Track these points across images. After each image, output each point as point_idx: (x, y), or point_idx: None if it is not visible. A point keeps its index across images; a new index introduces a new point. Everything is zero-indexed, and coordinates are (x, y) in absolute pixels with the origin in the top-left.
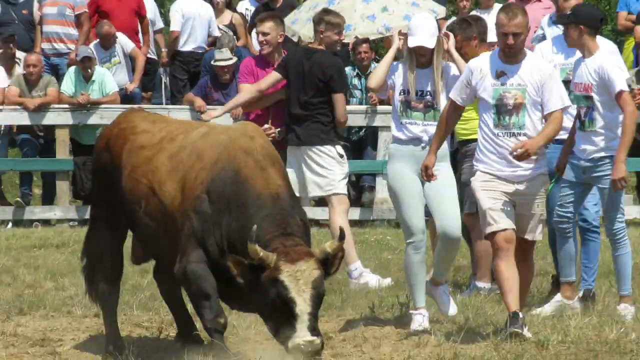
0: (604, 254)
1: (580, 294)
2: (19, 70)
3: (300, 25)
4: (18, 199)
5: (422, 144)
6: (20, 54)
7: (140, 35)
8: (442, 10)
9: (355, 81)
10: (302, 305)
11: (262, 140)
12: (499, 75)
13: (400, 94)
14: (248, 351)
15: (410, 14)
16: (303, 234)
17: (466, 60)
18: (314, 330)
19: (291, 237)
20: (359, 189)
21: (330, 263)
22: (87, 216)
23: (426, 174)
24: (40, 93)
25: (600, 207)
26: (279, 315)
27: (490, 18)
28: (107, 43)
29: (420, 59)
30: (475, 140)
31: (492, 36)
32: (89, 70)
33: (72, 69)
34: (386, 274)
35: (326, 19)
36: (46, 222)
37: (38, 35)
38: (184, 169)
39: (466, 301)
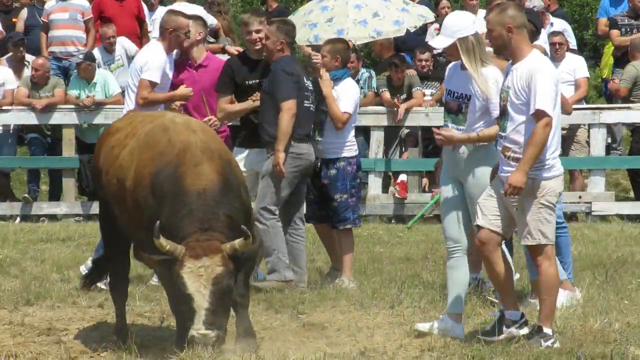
0: (585, 247)
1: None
2: (27, 72)
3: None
4: (26, 194)
5: (453, 147)
6: (29, 57)
7: (140, 38)
8: (431, 15)
9: None
10: (200, 301)
11: (203, 135)
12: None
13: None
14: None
15: (401, 20)
16: (226, 228)
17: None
18: (210, 324)
19: (208, 233)
20: None
21: (241, 259)
22: (92, 211)
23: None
24: (48, 94)
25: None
26: (183, 308)
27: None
28: (110, 46)
29: (451, 59)
30: None
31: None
32: (87, 72)
33: (77, 71)
34: (378, 267)
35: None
36: (53, 217)
37: (44, 40)
38: (138, 160)
39: None
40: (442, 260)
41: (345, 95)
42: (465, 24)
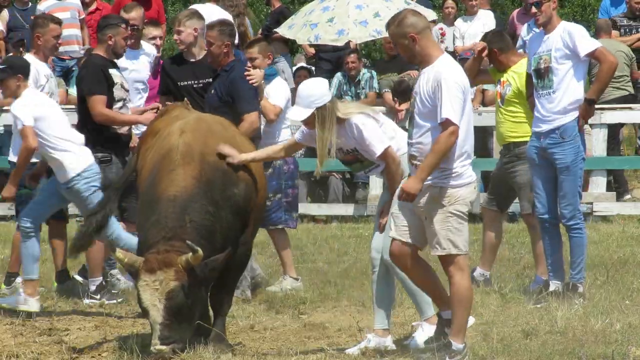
0: (587, 248)
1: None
2: None
3: (296, 30)
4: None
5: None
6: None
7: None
8: (432, 15)
9: (345, 87)
10: (155, 315)
11: (191, 136)
12: None
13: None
14: (247, 341)
15: None
16: (194, 235)
17: (500, 69)
18: (165, 339)
19: (170, 242)
20: (353, 186)
21: (201, 271)
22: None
23: None
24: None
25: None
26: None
27: (474, 24)
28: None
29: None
30: (526, 142)
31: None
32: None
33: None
34: None
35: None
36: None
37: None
38: (144, 164)
39: None
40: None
41: (276, 92)
42: (320, 92)
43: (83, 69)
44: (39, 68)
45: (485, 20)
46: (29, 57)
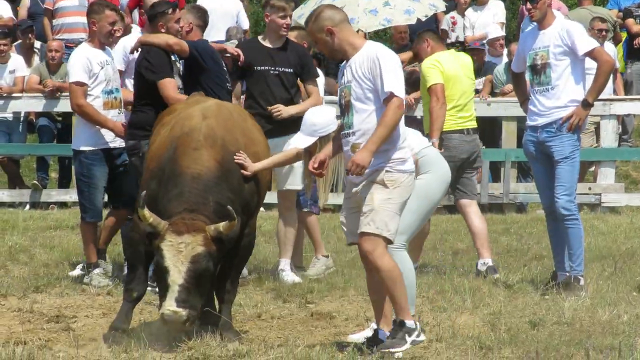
0: (594, 238)
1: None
2: (37, 59)
3: (305, 19)
4: (35, 181)
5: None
6: (38, 44)
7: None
8: (441, 5)
9: None
10: (175, 276)
11: (214, 121)
12: None
13: None
14: (254, 329)
15: (411, 9)
16: (212, 213)
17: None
18: (182, 302)
19: (193, 214)
20: None
21: (224, 244)
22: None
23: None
24: (59, 80)
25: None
26: (160, 284)
27: (484, 14)
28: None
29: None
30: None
31: (492, 31)
32: None
33: None
34: None
35: (271, 3)
36: (62, 205)
37: (48, 26)
38: (160, 142)
39: (464, 283)
40: (450, 250)
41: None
42: (325, 121)
43: (146, 55)
44: (90, 56)
45: (495, 10)
46: (82, 45)
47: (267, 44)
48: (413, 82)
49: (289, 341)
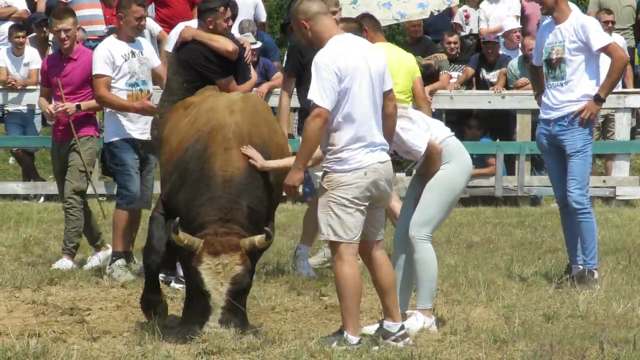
0: (609, 231)
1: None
2: (51, 52)
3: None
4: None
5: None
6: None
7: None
8: None
9: None
10: (217, 299)
11: (241, 116)
12: None
13: None
14: (268, 322)
15: (425, 2)
16: (246, 220)
17: None
18: (225, 323)
19: (228, 224)
20: None
21: (256, 255)
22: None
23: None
24: None
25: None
26: (200, 303)
27: (499, 7)
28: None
29: None
30: None
31: (509, 24)
32: None
33: None
34: None
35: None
36: None
37: None
38: (183, 132)
39: (478, 276)
40: (465, 243)
41: None
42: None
43: (206, 53)
44: (113, 50)
45: (510, 4)
46: (108, 38)
47: None
48: (428, 75)
49: (303, 334)
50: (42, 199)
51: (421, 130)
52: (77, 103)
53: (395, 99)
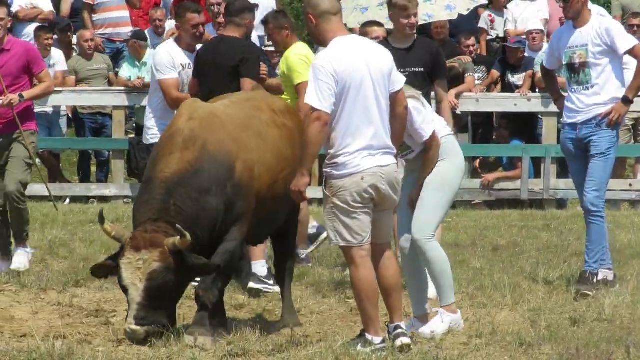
0: (635, 235)
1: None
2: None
3: (346, 14)
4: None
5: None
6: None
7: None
8: (482, 0)
9: None
10: (133, 295)
11: (198, 123)
12: None
13: None
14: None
15: (453, 4)
16: (175, 219)
17: (278, 48)
18: (141, 320)
19: (157, 223)
20: None
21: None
22: None
23: None
24: (96, 67)
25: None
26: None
27: (528, 9)
28: (157, 29)
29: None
30: None
31: (530, 25)
32: (135, 50)
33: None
34: None
35: (392, 2)
36: (102, 199)
37: (89, 20)
38: None
39: (503, 279)
40: (490, 246)
41: None
42: None
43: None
44: (174, 55)
45: (539, 7)
46: (169, 42)
47: (395, 44)
48: (452, 78)
49: (328, 336)
50: (67, 200)
51: (429, 118)
52: (19, 93)
53: (406, 100)
